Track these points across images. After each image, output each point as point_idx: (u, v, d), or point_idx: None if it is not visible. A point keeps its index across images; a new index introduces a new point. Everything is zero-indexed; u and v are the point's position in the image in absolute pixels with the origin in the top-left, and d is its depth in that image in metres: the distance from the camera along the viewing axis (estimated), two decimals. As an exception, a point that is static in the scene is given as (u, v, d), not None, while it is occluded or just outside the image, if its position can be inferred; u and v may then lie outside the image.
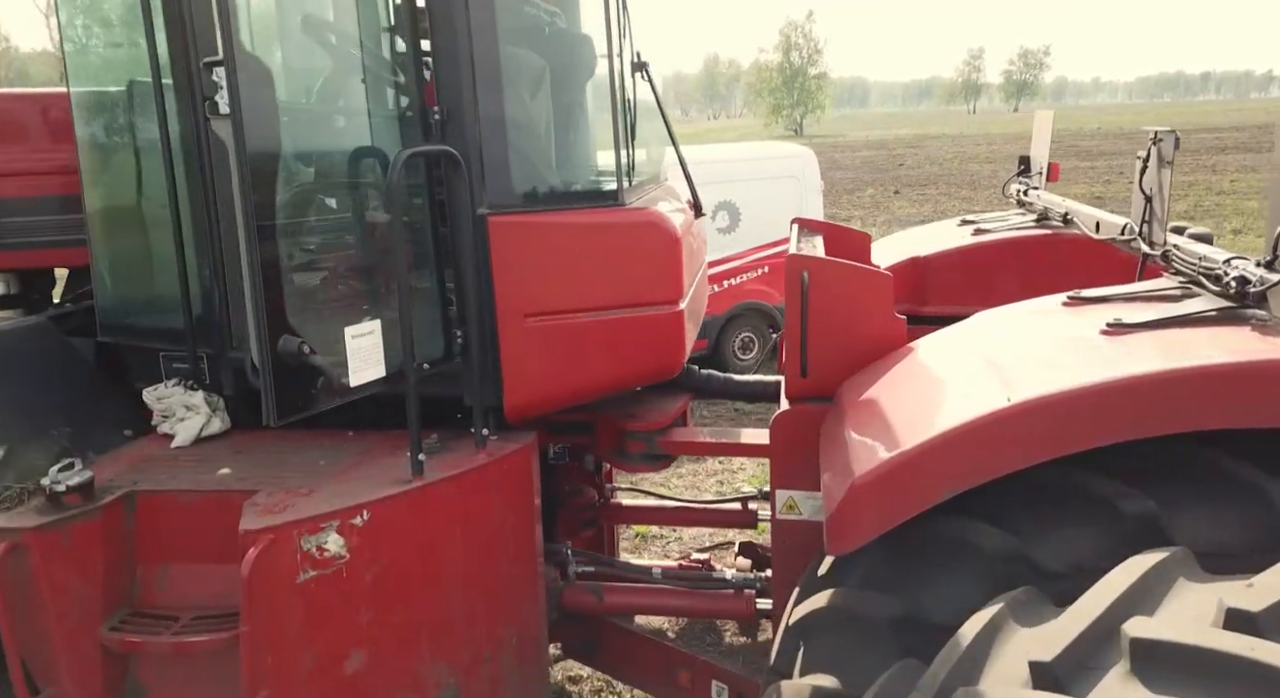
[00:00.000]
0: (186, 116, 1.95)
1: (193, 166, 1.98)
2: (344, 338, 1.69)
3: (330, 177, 1.93)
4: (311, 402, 1.66)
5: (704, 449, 2.55)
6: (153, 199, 2.17)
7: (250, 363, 1.67)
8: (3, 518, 1.71)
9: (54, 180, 2.33)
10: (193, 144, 1.96)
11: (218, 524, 1.83)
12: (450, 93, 1.88)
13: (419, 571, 1.85)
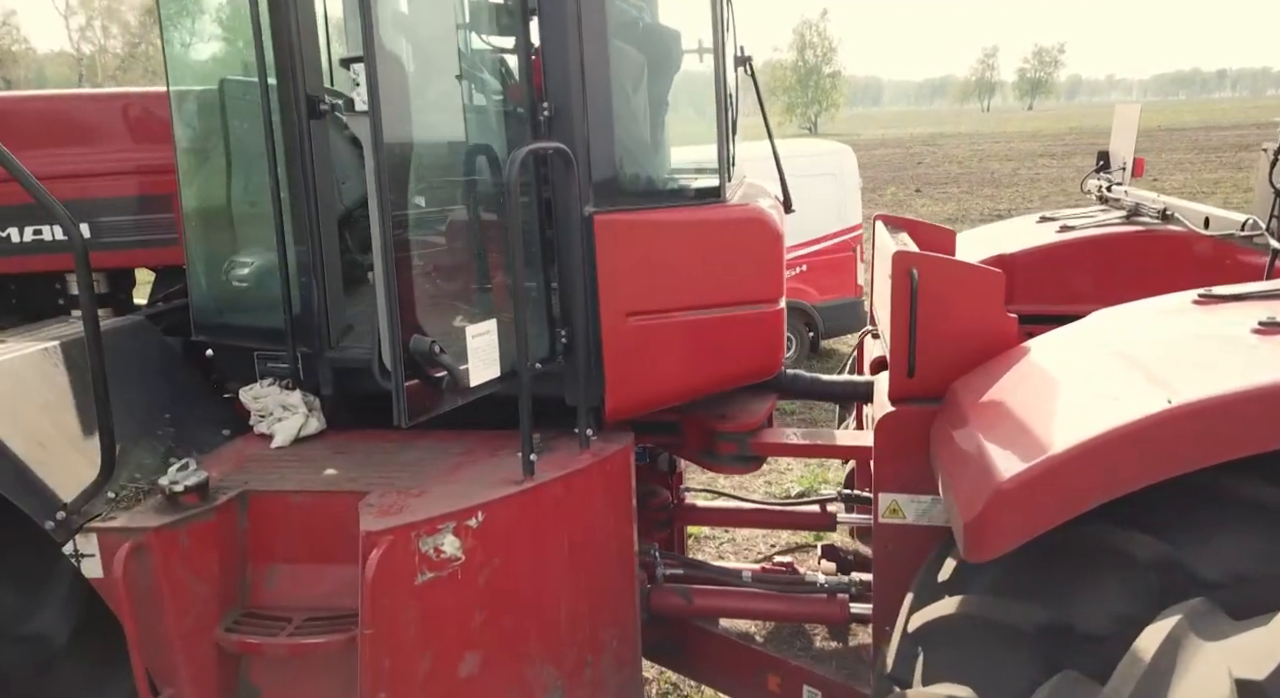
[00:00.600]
0: (289, 115, 1.94)
1: (294, 165, 1.98)
2: (465, 337, 1.67)
3: (447, 174, 1.91)
4: (438, 402, 1.64)
5: (798, 451, 2.51)
6: (251, 198, 2.17)
7: (378, 363, 1.66)
8: (122, 517, 1.71)
9: (143, 180, 2.34)
10: (295, 142, 1.96)
11: (328, 525, 1.82)
12: (558, 89, 1.86)
13: (528, 573, 1.83)
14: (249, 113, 2.20)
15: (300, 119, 1.96)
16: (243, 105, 2.21)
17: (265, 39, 1.89)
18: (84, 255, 1.60)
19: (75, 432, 1.80)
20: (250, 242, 2.19)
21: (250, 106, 2.21)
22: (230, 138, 2.19)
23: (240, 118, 2.20)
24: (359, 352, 2.14)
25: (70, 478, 1.71)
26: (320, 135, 2.02)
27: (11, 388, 1.73)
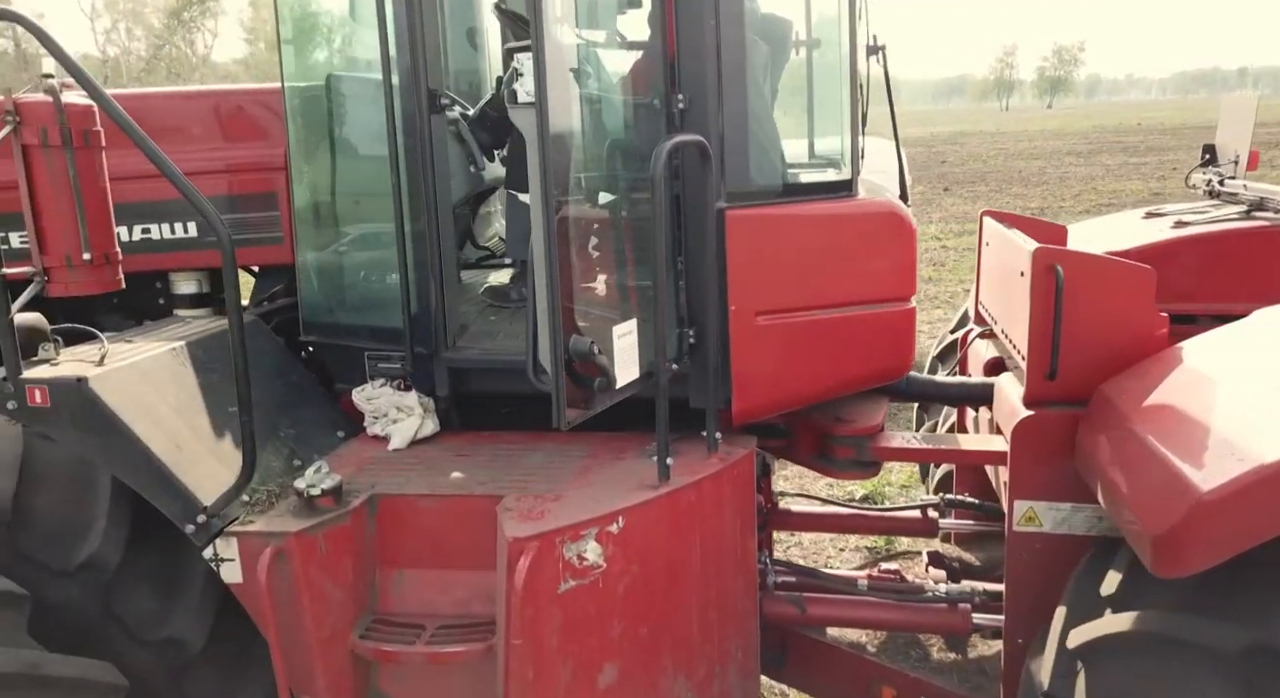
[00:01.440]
0: (410, 110, 1.90)
1: (413, 161, 1.93)
2: (611, 337, 1.62)
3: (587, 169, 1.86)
4: (590, 403, 1.59)
5: (920, 456, 2.44)
6: (365, 196, 2.13)
7: (532, 364, 1.61)
8: (260, 521, 1.67)
9: (244, 178, 2.31)
10: (415, 138, 1.92)
11: (459, 529, 1.78)
12: (694, 81, 1.80)
13: (664, 581, 1.77)
14: (359, 109, 2.17)
15: (421, 114, 1.92)
16: (350, 101, 2.18)
17: (390, 34, 1.85)
18: (231, 255, 1.56)
19: (207, 433, 1.77)
20: (364, 240, 2.16)
21: (358, 102, 2.18)
22: (340, 135, 2.15)
23: (350, 114, 2.17)
24: (475, 352, 2.10)
25: (207, 480, 1.68)
26: (440, 131, 1.98)
27: (147, 389, 1.70)
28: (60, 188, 1.55)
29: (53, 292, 1.60)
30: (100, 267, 1.61)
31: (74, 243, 1.57)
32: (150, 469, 1.61)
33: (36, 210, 1.56)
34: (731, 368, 1.90)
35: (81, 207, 1.56)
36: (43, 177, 1.54)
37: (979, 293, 2.72)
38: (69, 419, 1.60)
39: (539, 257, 1.47)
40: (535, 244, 1.48)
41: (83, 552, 1.65)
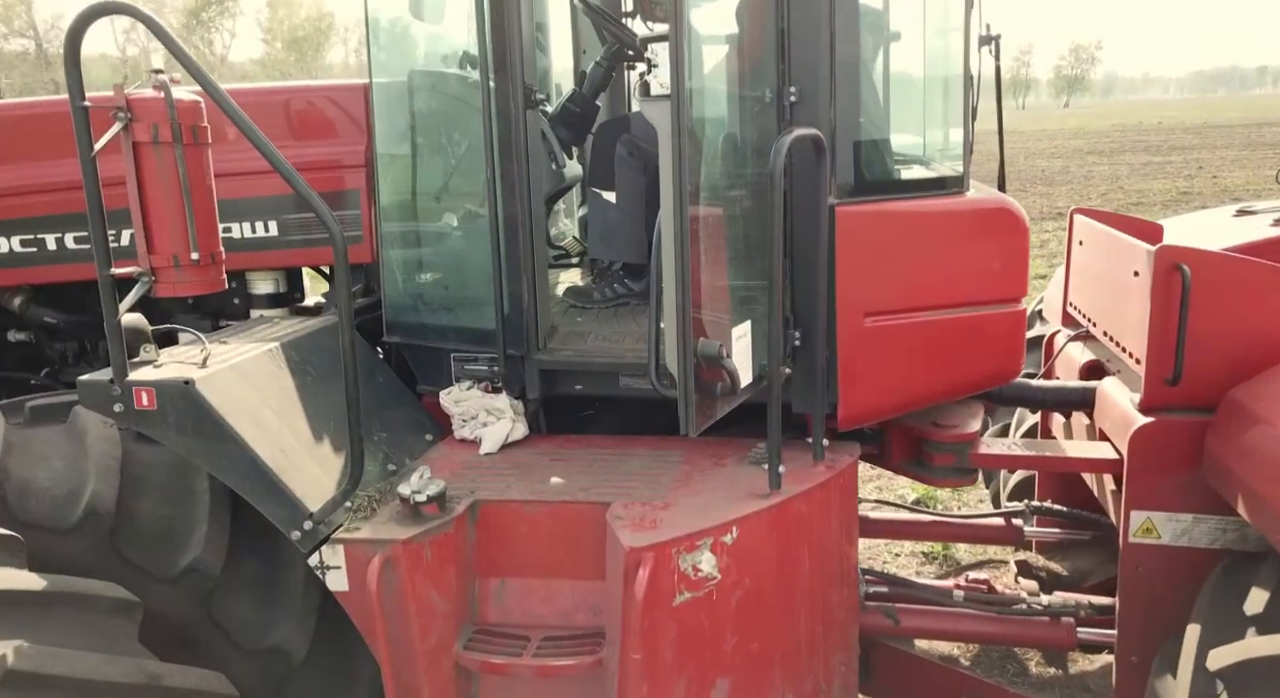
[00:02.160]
0: (505, 107, 1.85)
1: (507, 158, 1.89)
2: (729, 339, 1.55)
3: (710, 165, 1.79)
4: (715, 408, 1.53)
5: (1023, 463, 2.35)
6: (453, 194, 2.09)
7: (654, 368, 1.55)
8: (366, 528, 1.63)
9: (322, 176, 2.27)
10: (509, 135, 1.87)
11: (563, 537, 1.73)
12: (806, 73, 1.73)
13: (774, 593, 1.71)
14: (446, 105, 2.12)
15: (517, 110, 1.87)
16: (436, 98, 2.14)
17: (486, 28, 1.80)
18: (344, 253, 1.52)
19: (307, 436, 1.73)
20: (452, 239, 2.11)
21: (445, 99, 2.14)
22: (427, 132, 2.11)
23: (436, 111, 2.13)
24: (567, 354, 2.05)
25: (311, 486, 1.64)
26: (533, 127, 1.93)
27: (248, 391, 1.66)
28: (170, 186, 1.52)
29: (160, 292, 1.57)
30: (206, 267, 1.57)
31: (182, 243, 1.53)
32: (256, 474, 1.57)
33: (145, 209, 1.52)
34: (838, 371, 1.84)
35: (190, 205, 1.53)
36: (152, 174, 1.51)
37: (1069, 293, 2.62)
38: (174, 422, 1.57)
39: (669, 257, 1.41)
40: (665, 244, 1.42)
41: (185, 558, 1.62)
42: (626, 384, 2.02)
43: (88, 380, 1.58)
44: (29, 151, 2.16)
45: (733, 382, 1.51)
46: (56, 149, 2.23)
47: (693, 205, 1.43)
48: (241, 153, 2.09)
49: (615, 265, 2.35)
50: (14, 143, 2.17)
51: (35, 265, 2.19)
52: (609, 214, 2.32)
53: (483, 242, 1.96)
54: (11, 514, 1.61)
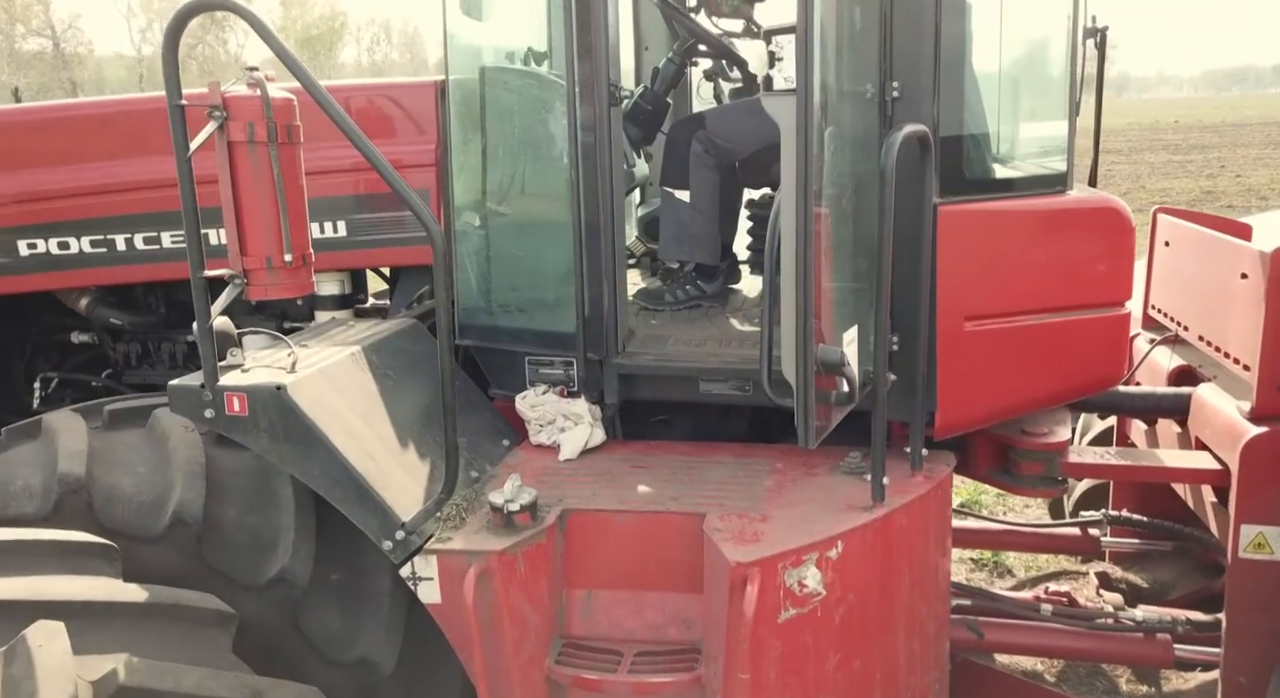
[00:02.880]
0: (589, 104, 1.79)
1: (590, 157, 1.83)
2: (840, 345, 1.49)
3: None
4: (829, 417, 1.47)
5: (1117, 473, 2.27)
6: (532, 195, 2.04)
7: (767, 375, 1.49)
8: (458, 538, 1.58)
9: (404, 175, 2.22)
10: (593, 132, 1.81)
11: (655, 548, 1.67)
12: (909, 67, 1.66)
13: (876, 609, 1.64)
14: (521, 103, 2.07)
15: (601, 108, 1.82)
16: (511, 95, 2.08)
17: (573, 22, 1.75)
18: (444, 254, 1.47)
19: (394, 442, 1.69)
20: (528, 239, 2.06)
21: (520, 96, 2.09)
22: (502, 130, 2.06)
23: (511, 108, 2.08)
24: (648, 358, 1.99)
25: (400, 494, 1.60)
26: (617, 125, 1.87)
27: (336, 396, 1.62)
28: (264, 186, 1.47)
29: (251, 295, 1.53)
30: (298, 269, 1.53)
31: (275, 244, 1.49)
32: (348, 482, 1.53)
33: (238, 210, 1.48)
34: (937, 377, 1.77)
35: (284, 206, 1.49)
36: (247, 174, 1.47)
37: (1150, 295, 2.53)
38: (265, 428, 1.53)
39: (790, 259, 1.35)
40: (785, 245, 1.36)
41: (273, 566, 1.58)
42: (706, 389, 1.96)
43: (178, 385, 1.55)
44: (99, 151, 2.14)
45: (850, 389, 1.45)
46: (127, 148, 2.22)
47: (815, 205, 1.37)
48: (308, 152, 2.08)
49: (688, 267, 2.29)
50: (83, 143, 2.15)
51: (103, 266, 2.17)
52: (682, 214, 2.26)
53: (562, 243, 1.91)
54: (98, 521, 1.58)
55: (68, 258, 2.15)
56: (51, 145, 2.14)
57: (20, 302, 2.32)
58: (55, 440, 1.67)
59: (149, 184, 2.14)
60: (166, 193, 2.19)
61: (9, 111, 2.39)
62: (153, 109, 2.31)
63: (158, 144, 2.18)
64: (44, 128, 2.18)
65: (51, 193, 2.12)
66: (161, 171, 2.21)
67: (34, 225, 2.12)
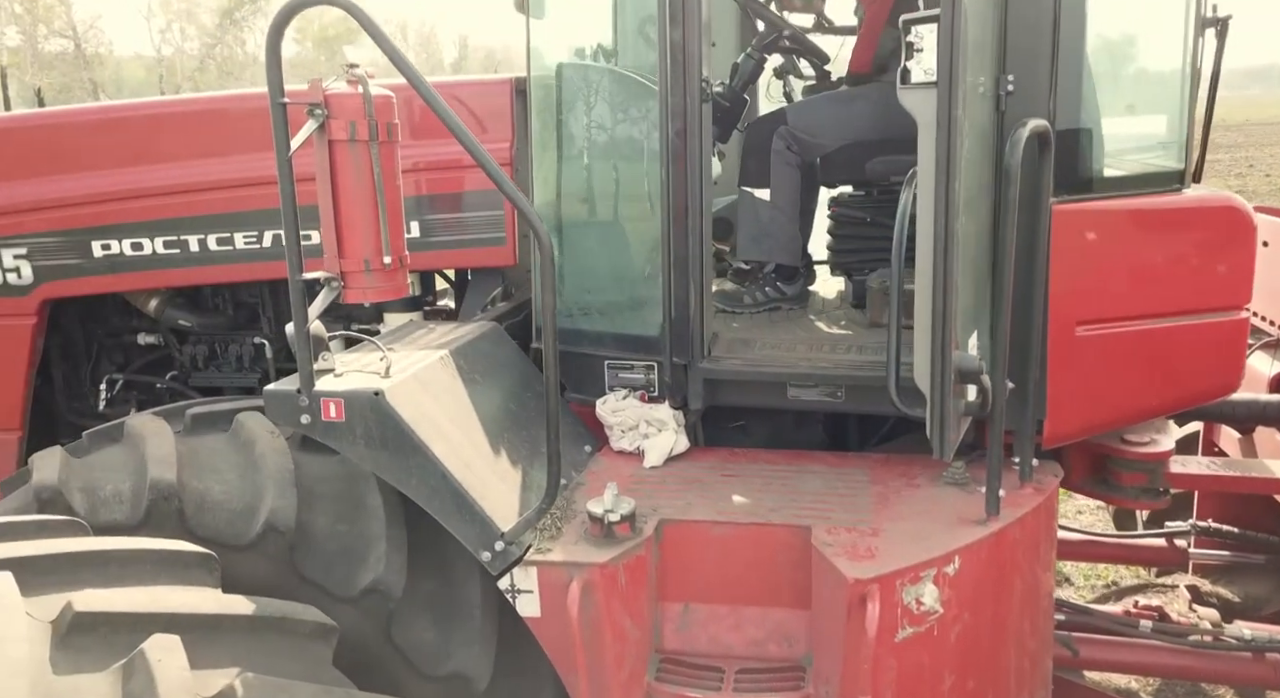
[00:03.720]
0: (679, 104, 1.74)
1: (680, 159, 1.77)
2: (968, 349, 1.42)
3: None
4: (960, 428, 1.40)
5: (1227, 484, 2.18)
6: (616, 194, 1.99)
7: (894, 383, 1.43)
8: (557, 549, 1.53)
9: (462, 176, 2.18)
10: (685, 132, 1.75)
11: (756, 561, 1.61)
12: (1025, 60, 1.59)
13: (989, 626, 1.57)
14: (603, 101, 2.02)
15: (693, 105, 1.76)
16: (593, 93, 2.03)
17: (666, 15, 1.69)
18: (550, 258, 1.42)
19: (486, 448, 1.64)
20: (610, 240, 2.01)
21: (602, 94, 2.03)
22: (582, 128, 2.01)
23: (592, 106, 2.02)
24: (736, 363, 1.93)
25: (497, 503, 1.55)
26: (708, 123, 1.81)
27: (430, 402, 1.57)
28: (363, 186, 1.43)
29: (348, 298, 1.48)
30: (395, 271, 1.48)
31: (374, 246, 1.44)
32: (446, 490, 1.48)
33: (337, 210, 1.44)
34: (1047, 384, 1.69)
35: (384, 206, 1.44)
36: (347, 174, 1.42)
37: None
38: (362, 435, 1.48)
39: (927, 261, 1.29)
40: (922, 246, 1.29)
41: (366, 576, 1.54)
42: (795, 395, 1.90)
43: (275, 390, 1.51)
44: (173, 151, 2.11)
45: (984, 398, 1.38)
46: (202, 148, 2.19)
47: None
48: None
49: (767, 268, 2.22)
50: (158, 142, 2.12)
51: (175, 267, 2.14)
52: (761, 213, 2.20)
53: (646, 243, 1.85)
54: (189, 529, 1.54)
55: (141, 259, 2.12)
56: (125, 145, 2.12)
57: (88, 303, 2.32)
58: (142, 445, 1.64)
59: (224, 184, 2.11)
60: (241, 193, 2.18)
61: (85, 111, 2.37)
62: (229, 108, 2.28)
63: (233, 143, 2.17)
64: (117, 127, 2.16)
65: (125, 193, 2.10)
66: (236, 171, 2.19)
67: (108, 226, 2.10)
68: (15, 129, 2.21)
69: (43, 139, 2.15)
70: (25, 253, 2.10)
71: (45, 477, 1.58)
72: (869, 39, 2.20)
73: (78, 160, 2.12)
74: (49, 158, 2.12)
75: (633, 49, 2.09)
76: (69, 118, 2.25)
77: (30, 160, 2.12)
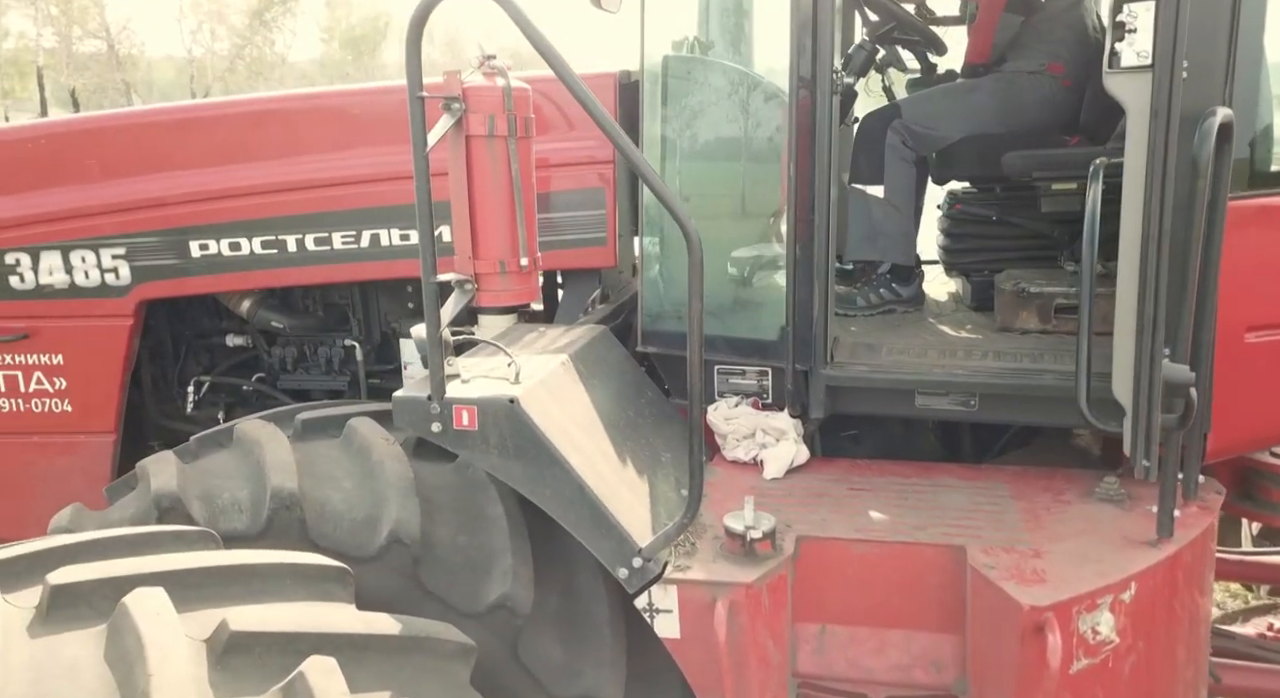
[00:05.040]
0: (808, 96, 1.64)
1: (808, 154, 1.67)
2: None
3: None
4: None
5: None
6: (733, 191, 1.90)
7: (1084, 395, 1.33)
8: (697, 567, 1.45)
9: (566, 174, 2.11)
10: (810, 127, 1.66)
11: (900, 581, 1.51)
12: (1202, 43, 1.46)
13: (1161, 656, 1.46)
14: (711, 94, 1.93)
15: (822, 97, 1.66)
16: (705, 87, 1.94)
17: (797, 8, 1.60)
18: (700, 260, 1.34)
19: (613, 458, 1.56)
20: (727, 238, 1.92)
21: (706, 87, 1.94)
22: (693, 123, 1.92)
23: (702, 100, 1.94)
24: (861, 369, 1.84)
25: (631, 516, 1.47)
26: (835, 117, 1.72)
27: (560, 410, 1.50)
28: (500, 184, 1.36)
29: (482, 301, 1.42)
30: (530, 274, 1.41)
31: (510, 247, 1.37)
32: (583, 503, 1.41)
33: (472, 209, 1.37)
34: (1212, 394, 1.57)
35: (521, 205, 1.37)
36: (483, 171, 1.35)
37: None
38: (496, 444, 1.42)
39: (1134, 262, 1.18)
40: (1127, 246, 1.19)
41: (492, 591, 1.47)
42: (924, 404, 1.79)
43: (404, 397, 1.45)
44: (273, 149, 2.07)
45: (1188, 411, 1.27)
46: (301, 146, 2.15)
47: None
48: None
49: (882, 268, 2.12)
50: (258, 140, 2.09)
51: (272, 268, 2.10)
52: (874, 211, 2.09)
53: (763, 242, 1.76)
54: (310, 539, 1.49)
55: (238, 259, 2.08)
56: (224, 143, 2.09)
57: (178, 304, 2.29)
58: (258, 452, 1.59)
59: (322, 183, 2.06)
60: (339, 191, 2.13)
61: (182, 109, 2.34)
62: (329, 106, 2.22)
63: (333, 141, 2.12)
64: (215, 125, 2.13)
65: (224, 192, 2.06)
66: (335, 169, 2.14)
67: (206, 226, 2.07)
68: (112, 127, 2.19)
69: (140, 137, 2.12)
70: (124, 253, 2.08)
71: (164, 484, 1.53)
72: (986, 27, 2.09)
73: (175, 159, 2.09)
74: (146, 156, 2.09)
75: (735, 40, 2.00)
76: (167, 116, 2.22)
77: (127, 159, 2.10)
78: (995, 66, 2.14)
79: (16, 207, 2.08)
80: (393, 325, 2.28)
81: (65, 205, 2.08)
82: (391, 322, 2.28)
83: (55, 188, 2.09)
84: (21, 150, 2.10)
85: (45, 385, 2.17)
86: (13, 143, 2.14)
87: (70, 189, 2.09)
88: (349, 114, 2.06)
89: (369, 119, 2.03)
